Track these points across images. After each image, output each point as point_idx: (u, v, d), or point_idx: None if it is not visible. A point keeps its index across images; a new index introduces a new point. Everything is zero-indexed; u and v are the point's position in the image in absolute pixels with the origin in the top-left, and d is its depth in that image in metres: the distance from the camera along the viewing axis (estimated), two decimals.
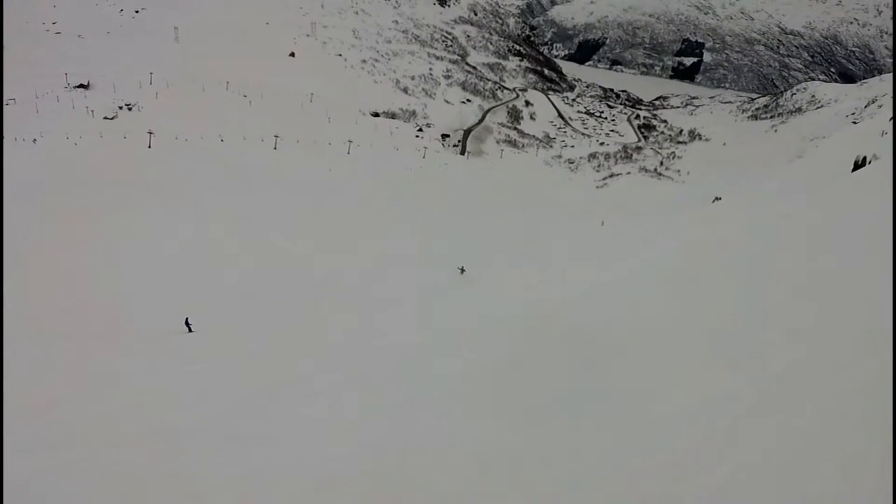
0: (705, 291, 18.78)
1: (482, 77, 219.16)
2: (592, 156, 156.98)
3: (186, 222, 55.79)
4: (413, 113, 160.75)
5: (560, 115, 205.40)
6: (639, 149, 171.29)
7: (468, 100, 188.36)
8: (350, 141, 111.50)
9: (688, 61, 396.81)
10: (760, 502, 8.51)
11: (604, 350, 16.91)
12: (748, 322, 15.06)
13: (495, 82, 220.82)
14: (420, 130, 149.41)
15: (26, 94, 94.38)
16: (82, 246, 46.23)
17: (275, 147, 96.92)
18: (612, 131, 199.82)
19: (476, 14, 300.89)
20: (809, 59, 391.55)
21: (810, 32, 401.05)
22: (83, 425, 17.71)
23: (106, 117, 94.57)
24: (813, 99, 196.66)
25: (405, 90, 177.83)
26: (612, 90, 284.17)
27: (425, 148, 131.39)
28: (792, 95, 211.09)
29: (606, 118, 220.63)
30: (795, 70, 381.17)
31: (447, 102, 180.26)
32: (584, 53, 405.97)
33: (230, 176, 76.72)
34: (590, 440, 12.67)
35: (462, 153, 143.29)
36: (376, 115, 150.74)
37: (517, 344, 20.60)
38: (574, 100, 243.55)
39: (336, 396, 19.18)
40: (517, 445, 13.35)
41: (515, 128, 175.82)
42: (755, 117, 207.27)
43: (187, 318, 33.50)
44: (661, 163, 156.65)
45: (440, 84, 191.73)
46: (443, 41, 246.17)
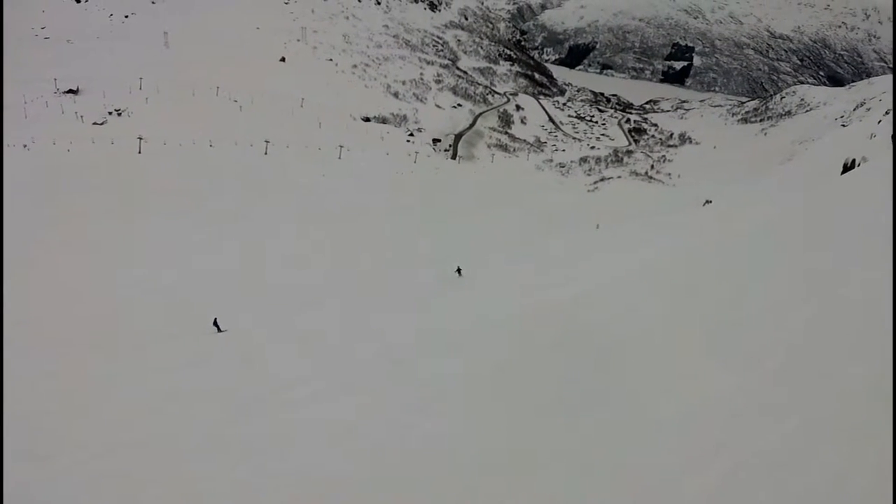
0: (700, 293, 18.80)
1: (473, 82, 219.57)
2: (583, 160, 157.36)
3: (180, 227, 55.67)
4: (404, 118, 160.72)
5: (551, 120, 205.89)
6: (629, 152, 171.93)
7: (459, 104, 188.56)
8: (341, 146, 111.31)
9: (678, 65, 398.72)
10: (757, 501, 8.49)
11: (601, 351, 16.91)
12: (743, 322, 15.08)
13: (486, 87, 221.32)
14: (411, 135, 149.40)
15: (15, 99, 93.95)
16: (78, 251, 46.05)
17: (265, 152, 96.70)
18: (603, 135, 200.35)
19: (467, 19, 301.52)
20: (798, 63, 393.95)
21: (799, 36, 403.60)
22: (82, 431, 17.61)
23: (95, 123, 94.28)
24: (802, 102, 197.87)
25: (396, 95, 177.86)
26: (603, 94, 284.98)
27: (416, 153, 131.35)
28: (781, 99, 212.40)
29: (597, 122, 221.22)
30: (784, 74, 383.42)
31: (438, 107, 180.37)
32: (575, 58, 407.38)
33: (221, 181, 76.53)
34: (589, 440, 12.66)
35: (453, 158, 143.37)
36: (367, 120, 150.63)
37: (515, 345, 20.58)
38: (565, 104, 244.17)
39: (335, 399, 19.11)
40: (516, 446, 13.32)
41: (506, 132, 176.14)
42: (745, 121, 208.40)
43: (216, 319, 33.66)
44: (652, 166, 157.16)
45: (431, 89, 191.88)
46: (433, 46, 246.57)
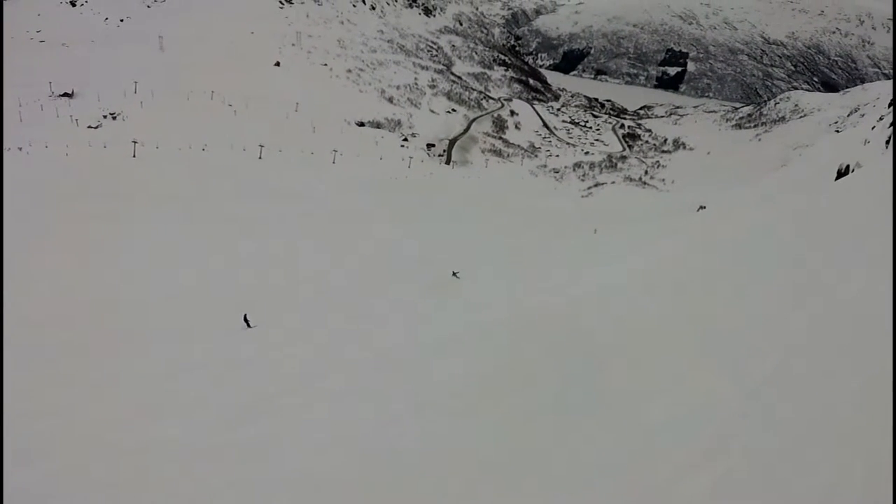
0: (695, 297, 18.87)
1: (467, 87, 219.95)
2: (577, 165, 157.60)
3: (174, 230, 55.54)
4: (398, 122, 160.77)
5: (545, 125, 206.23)
6: (623, 158, 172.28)
7: (453, 109, 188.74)
8: (335, 150, 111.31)
9: (672, 71, 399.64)
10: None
11: (597, 355, 16.95)
12: (739, 327, 15.14)
13: (480, 92, 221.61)
14: (405, 140, 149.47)
15: (10, 103, 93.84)
16: (73, 253, 45.91)
17: (260, 156, 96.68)
18: (597, 141, 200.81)
19: (461, 24, 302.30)
20: (792, 69, 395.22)
21: (793, 42, 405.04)
22: (83, 433, 17.57)
23: (90, 126, 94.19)
24: (796, 108, 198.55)
25: (390, 100, 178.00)
26: (597, 100, 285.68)
27: (410, 157, 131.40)
28: (775, 105, 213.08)
29: (591, 128, 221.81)
30: (778, 79, 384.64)
31: (432, 112, 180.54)
32: (569, 63, 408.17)
33: (215, 185, 76.47)
34: (586, 443, 12.70)
35: (447, 163, 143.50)
36: (361, 125, 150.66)
37: (512, 349, 20.60)
38: (559, 109, 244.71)
39: (335, 402, 19.11)
40: (515, 449, 13.35)
41: (501, 137, 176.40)
42: (739, 126, 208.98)
43: (245, 315, 34.27)
44: (646, 172, 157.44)
45: (425, 94, 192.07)
46: (428, 51, 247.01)
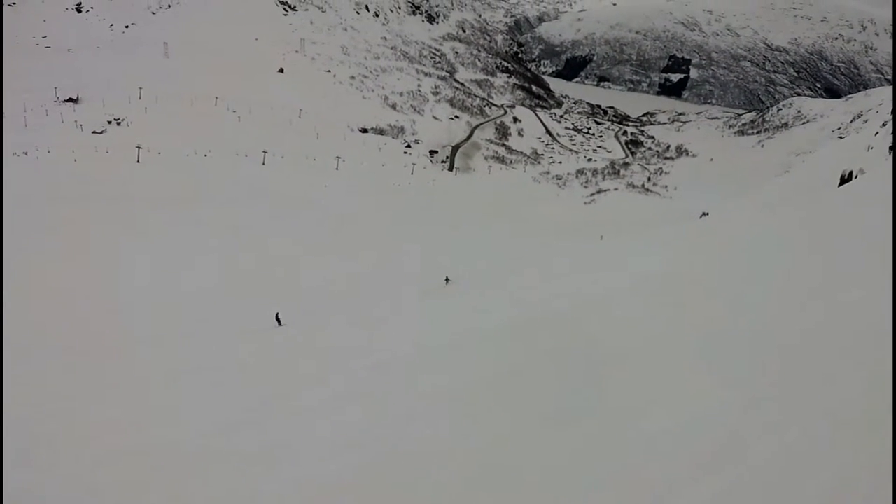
0: (697, 304, 18.90)
1: (470, 93, 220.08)
2: (580, 172, 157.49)
3: (177, 236, 55.72)
4: (401, 129, 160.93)
5: (548, 132, 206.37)
6: (626, 165, 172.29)
7: (456, 116, 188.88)
8: (338, 157, 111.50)
9: (674, 77, 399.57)
10: None
11: (598, 363, 16.97)
12: (741, 334, 15.17)
13: (483, 99, 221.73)
14: (408, 146, 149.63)
15: (15, 108, 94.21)
16: (77, 258, 46.08)
17: (263, 162, 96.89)
18: (600, 147, 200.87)
19: (464, 31, 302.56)
20: (795, 75, 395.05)
21: (796, 48, 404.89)
22: (84, 437, 17.62)
23: (95, 131, 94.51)
24: (799, 114, 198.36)
25: (393, 106, 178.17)
26: (600, 106, 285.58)
27: (413, 164, 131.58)
28: (778, 111, 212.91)
29: (594, 134, 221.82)
30: (781, 86, 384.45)
31: (435, 119, 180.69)
32: (572, 70, 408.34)
33: (218, 191, 76.63)
34: (584, 452, 12.71)
35: (450, 169, 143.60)
36: (365, 131, 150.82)
37: (512, 356, 20.61)
38: (562, 116, 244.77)
39: (336, 406, 19.15)
40: (515, 456, 13.37)
41: (503, 144, 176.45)
42: (742, 133, 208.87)
43: (277, 314, 35.28)
44: (649, 178, 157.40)
45: (428, 100, 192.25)
46: (431, 58, 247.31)
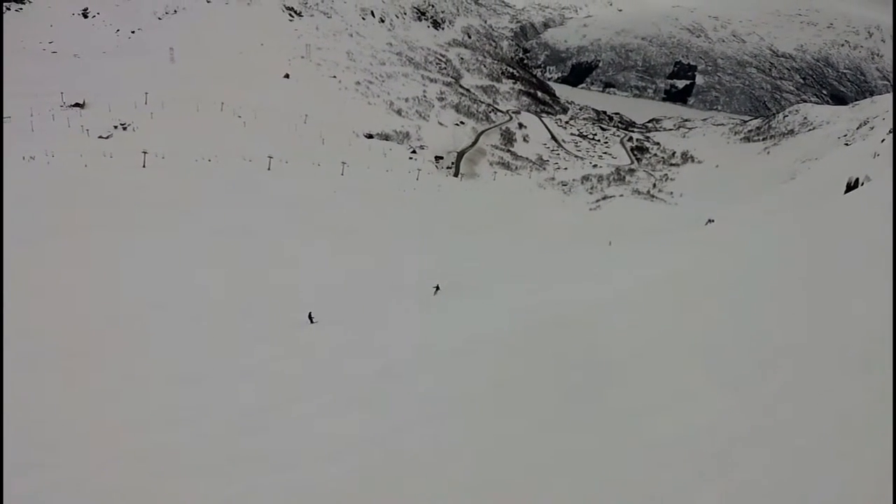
0: (702, 311, 18.83)
1: (476, 99, 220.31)
2: (585, 178, 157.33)
3: (183, 240, 55.78)
4: (407, 135, 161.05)
5: (553, 138, 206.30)
6: (632, 171, 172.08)
7: (462, 122, 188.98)
8: (344, 162, 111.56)
9: (680, 84, 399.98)
10: None
11: (601, 369, 16.91)
12: (745, 342, 15.10)
13: (489, 105, 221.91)
14: (414, 152, 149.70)
15: (22, 112, 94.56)
16: (81, 262, 46.17)
17: (268, 167, 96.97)
18: (605, 154, 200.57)
19: (470, 37, 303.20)
20: (801, 82, 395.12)
21: (802, 55, 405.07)
22: (85, 442, 17.62)
23: (101, 136, 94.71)
24: (805, 121, 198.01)
25: (399, 112, 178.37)
26: (605, 113, 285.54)
27: (419, 170, 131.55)
28: (784, 117, 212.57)
29: (599, 140, 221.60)
30: (787, 92, 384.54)
31: (441, 124, 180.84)
32: (577, 76, 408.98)
33: (224, 195, 76.72)
34: (587, 460, 12.65)
35: (456, 175, 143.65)
36: (370, 137, 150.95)
37: (515, 362, 20.57)
38: (567, 122, 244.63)
39: (336, 413, 19.14)
40: (516, 466, 13.32)
41: (509, 150, 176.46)
42: (748, 139, 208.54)
43: (310, 313, 36.39)
44: (654, 185, 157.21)
45: (434, 106, 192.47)
46: (437, 63, 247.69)
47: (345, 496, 13.43)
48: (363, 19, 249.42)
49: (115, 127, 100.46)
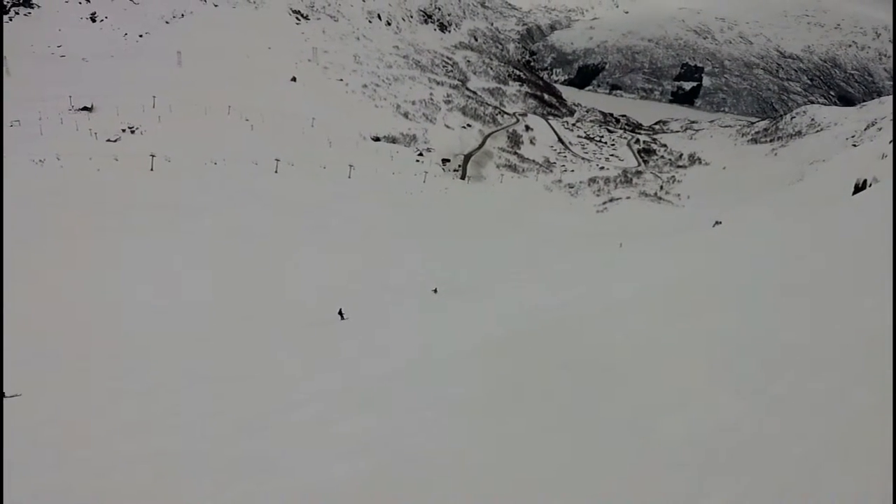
0: (707, 315, 18.74)
1: (482, 102, 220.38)
2: (592, 180, 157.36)
3: (190, 244, 55.98)
4: (413, 137, 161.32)
5: (560, 140, 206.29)
6: (639, 173, 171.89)
7: (468, 125, 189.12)
8: (351, 165, 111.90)
9: (687, 85, 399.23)
10: None
11: (607, 373, 16.84)
12: (754, 344, 15.03)
13: (495, 107, 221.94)
14: (420, 155, 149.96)
15: (31, 116, 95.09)
16: (86, 266, 46.38)
17: (276, 171, 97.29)
18: (612, 156, 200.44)
19: (476, 39, 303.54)
20: (808, 83, 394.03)
21: (809, 56, 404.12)
22: (84, 445, 17.61)
23: (109, 140, 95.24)
24: (812, 122, 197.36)
25: (406, 115, 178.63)
26: (612, 115, 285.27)
27: (426, 172, 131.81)
28: (791, 119, 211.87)
29: (606, 143, 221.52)
30: (795, 93, 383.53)
31: (447, 127, 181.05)
32: (584, 78, 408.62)
33: (232, 198, 76.99)
34: (594, 464, 12.59)
35: (462, 178, 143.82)
36: (377, 140, 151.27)
37: (520, 365, 20.50)
38: (574, 124, 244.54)
39: (340, 415, 19.09)
40: (525, 467, 13.26)
41: (515, 152, 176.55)
42: (755, 141, 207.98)
43: (340, 309, 37.34)
44: (661, 187, 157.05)
45: (441, 109, 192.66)
46: (443, 66, 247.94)
47: (348, 498, 13.36)
48: (370, 22, 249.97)
49: (123, 130, 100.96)
